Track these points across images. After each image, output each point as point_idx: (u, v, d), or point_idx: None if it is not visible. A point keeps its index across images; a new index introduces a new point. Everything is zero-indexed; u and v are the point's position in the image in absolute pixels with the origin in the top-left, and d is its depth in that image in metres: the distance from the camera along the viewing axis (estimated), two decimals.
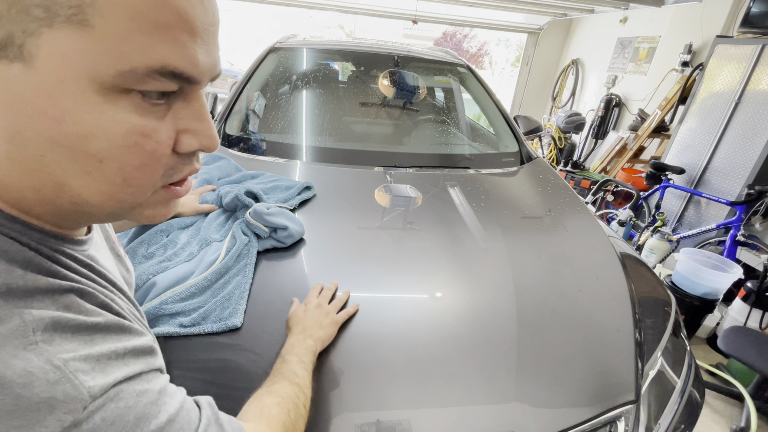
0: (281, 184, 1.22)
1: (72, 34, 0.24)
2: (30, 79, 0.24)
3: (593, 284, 1.06)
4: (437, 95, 2.31)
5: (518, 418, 0.71)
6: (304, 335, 0.73)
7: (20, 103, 0.25)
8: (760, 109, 2.64)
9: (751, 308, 2.16)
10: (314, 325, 0.75)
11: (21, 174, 0.27)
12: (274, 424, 0.50)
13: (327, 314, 0.79)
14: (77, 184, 0.28)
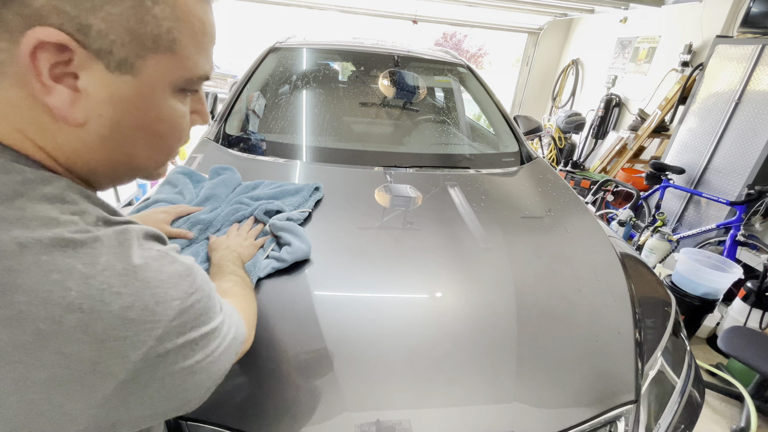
0: (287, 188, 1.18)
1: (165, 56, 0.36)
2: (133, 85, 0.35)
3: (593, 284, 1.06)
4: (437, 95, 2.31)
5: (518, 418, 0.71)
6: (229, 250, 0.85)
7: (124, 102, 0.35)
8: (760, 109, 2.64)
9: (751, 308, 2.16)
10: (236, 244, 0.89)
11: (105, 149, 0.37)
12: (248, 317, 0.63)
13: (246, 239, 0.94)
14: (142, 154, 0.40)
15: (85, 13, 0.31)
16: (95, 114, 0.34)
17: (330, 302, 0.88)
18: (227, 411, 0.67)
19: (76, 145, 0.35)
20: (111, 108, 0.35)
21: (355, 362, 0.75)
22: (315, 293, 0.88)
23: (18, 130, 0.33)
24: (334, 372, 0.73)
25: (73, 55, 0.32)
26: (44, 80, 0.31)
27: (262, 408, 0.68)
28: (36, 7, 0.30)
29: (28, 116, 0.33)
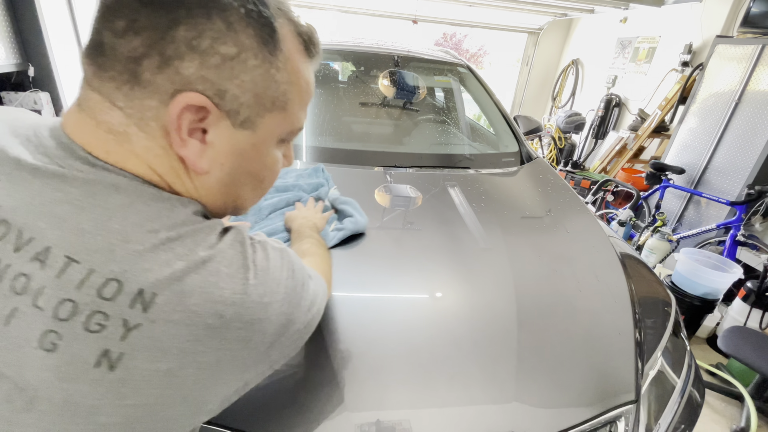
0: (302, 173, 1.27)
1: (278, 114, 0.42)
2: (251, 139, 0.41)
3: (593, 284, 1.06)
4: (437, 95, 2.31)
5: (518, 418, 0.71)
6: (306, 219, 0.97)
7: (242, 153, 0.41)
8: (760, 109, 2.64)
9: (751, 308, 2.16)
10: (311, 215, 1.00)
11: (220, 192, 0.43)
12: (322, 271, 0.72)
13: (317, 212, 1.06)
14: (246, 196, 0.47)
15: (224, 81, 0.37)
16: (218, 163, 0.41)
17: (330, 302, 0.88)
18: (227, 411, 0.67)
19: (199, 188, 0.42)
20: (231, 158, 0.41)
21: (356, 362, 0.75)
22: None
23: (158, 174, 0.38)
24: (335, 372, 0.73)
25: (209, 114, 0.37)
26: (182, 135, 0.37)
27: (262, 408, 0.68)
28: (186, 75, 0.35)
29: (166, 163, 0.38)
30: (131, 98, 0.36)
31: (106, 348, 0.33)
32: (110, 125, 0.36)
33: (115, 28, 0.35)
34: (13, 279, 0.33)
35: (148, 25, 0.34)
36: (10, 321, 0.33)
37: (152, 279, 0.34)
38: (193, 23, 0.34)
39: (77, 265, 0.33)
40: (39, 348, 0.32)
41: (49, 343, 0.32)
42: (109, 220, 0.34)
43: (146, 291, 0.34)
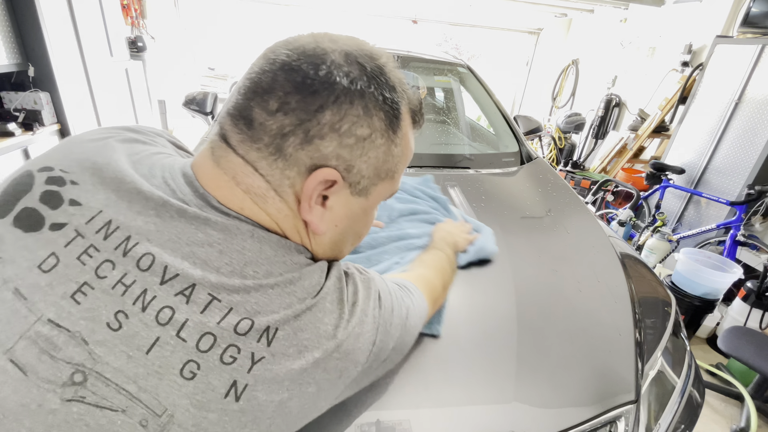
0: (418, 192, 1.22)
1: (387, 182, 0.47)
2: (363, 204, 0.46)
3: (593, 284, 1.06)
4: (437, 95, 2.31)
5: (518, 418, 0.71)
6: (449, 234, 0.98)
7: (354, 216, 0.47)
8: (760, 109, 2.64)
9: (751, 308, 2.16)
10: (456, 232, 1.01)
11: (329, 248, 0.48)
12: (429, 286, 0.73)
13: (463, 233, 1.03)
14: (347, 249, 0.52)
15: (355, 158, 0.41)
16: (333, 225, 0.45)
17: None
18: None
19: (313, 245, 0.47)
20: (345, 221, 0.46)
21: None
22: None
23: (282, 230, 0.44)
24: None
25: (335, 184, 0.42)
26: (311, 203, 0.42)
27: None
28: (324, 153, 0.40)
29: (291, 223, 0.44)
30: (273, 168, 0.40)
31: (235, 379, 0.36)
32: (250, 187, 0.41)
33: (268, 108, 0.39)
34: (159, 311, 0.36)
35: (298, 108, 0.39)
36: (152, 349, 0.35)
37: (277, 317, 0.39)
38: (338, 108, 0.39)
39: (218, 303, 0.37)
40: (180, 376, 0.35)
41: (189, 372, 0.35)
42: (245, 266, 0.39)
43: (271, 327, 0.38)
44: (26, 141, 2.38)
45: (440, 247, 0.90)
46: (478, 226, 1.15)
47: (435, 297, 0.75)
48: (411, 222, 1.11)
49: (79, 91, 2.84)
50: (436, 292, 0.75)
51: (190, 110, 1.94)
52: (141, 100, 3.90)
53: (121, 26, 3.54)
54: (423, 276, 0.75)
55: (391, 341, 0.50)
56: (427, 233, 1.02)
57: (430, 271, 0.79)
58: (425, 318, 0.62)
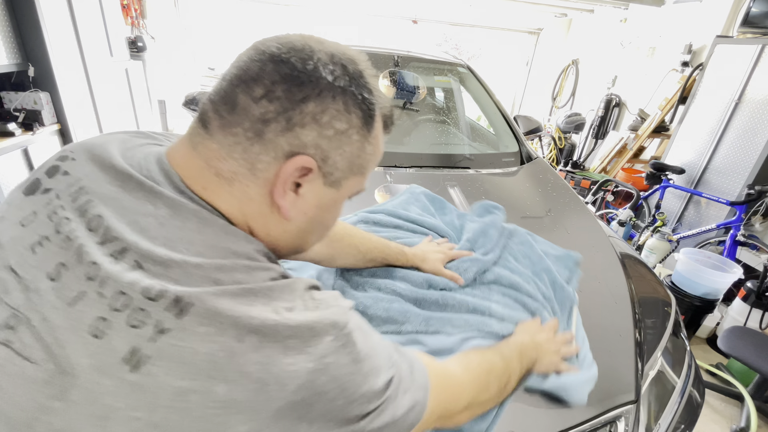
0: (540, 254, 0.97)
1: (357, 177, 0.48)
2: (333, 196, 0.47)
3: (593, 284, 1.06)
4: (437, 95, 2.31)
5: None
6: (535, 347, 0.75)
7: (323, 205, 0.47)
8: (760, 109, 2.64)
9: (751, 308, 2.15)
10: (546, 349, 0.77)
11: (295, 237, 0.49)
12: (468, 368, 0.60)
13: (556, 353, 0.78)
14: (312, 240, 0.53)
15: (331, 149, 0.43)
16: (302, 212, 0.46)
17: None
18: None
19: (278, 231, 0.47)
20: (314, 210, 0.47)
21: None
22: None
23: (244, 214, 0.44)
24: None
25: (310, 173, 0.43)
26: (286, 188, 0.43)
27: None
28: (304, 141, 0.42)
29: (256, 208, 0.44)
30: (248, 152, 0.41)
31: (136, 345, 0.34)
32: (220, 170, 0.42)
33: (254, 94, 0.40)
34: (90, 266, 0.37)
35: (284, 97, 0.40)
36: (76, 303, 0.36)
37: (193, 292, 0.36)
38: (321, 101, 0.41)
39: (141, 268, 0.37)
40: (90, 334, 0.35)
41: (99, 330, 0.35)
42: (178, 242, 0.39)
43: (184, 299, 0.36)
44: (26, 141, 2.38)
45: (506, 353, 0.69)
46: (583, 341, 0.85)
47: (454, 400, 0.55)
48: (501, 295, 0.87)
49: (79, 91, 2.84)
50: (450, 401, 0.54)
51: (190, 110, 1.94)
52: (141, 100, 3.90)
53: (121, 26, 3.54)
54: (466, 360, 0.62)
55: (339, 396, 0.38)
56: (514, 322, 0.79)
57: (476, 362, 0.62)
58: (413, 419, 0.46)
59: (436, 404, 0.49)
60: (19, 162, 2.33)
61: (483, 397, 0.60)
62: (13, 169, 2.29)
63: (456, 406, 0.55)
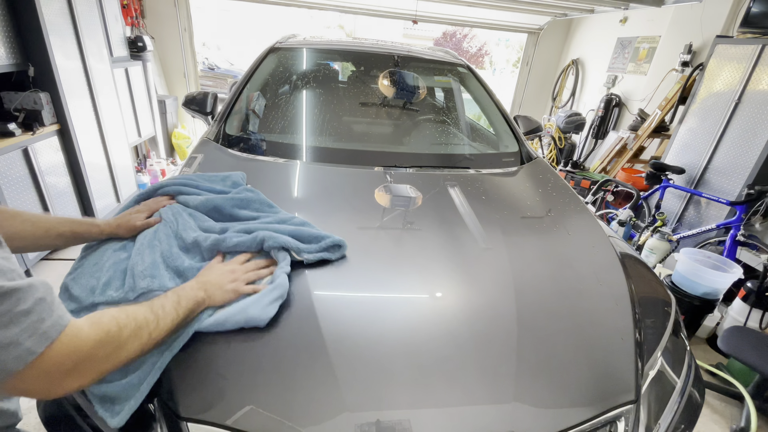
0: (307, 231, 0.99)
1: None
2: None
3: (593, 284, 1.06)
4: (437, 95, 2.31)
5: (518, 418, 0.71)
6: (200, 286, 0.78)
7: None
8: (760, 109, 2.64)
9: (751, 308, 2.16)
10: (216, 283, 0.81)
11: None
12: (97, 328, 0.55)
13: (234, 281, 0.83)
14: None
15: None
16: None
17: (330, 302, 0.88)
18: (227, 411, 0.67)
19: None
20: None
21: (356, 362, 0.75)
22: (315, 293, 0.88)
23: None
24: (334, 372, 0.73)
25: None
26: None
27: (262, 408, 0.68)
28: None
29: None
30: None
31: None
32: None
33: None
34: None
35: None
36: None
37: None
38: None
39: None
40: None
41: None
42: None
43: None
44: (26, 141, 2.38)
45: (163, 301, 0.69)
46: (284, 267, 0.89)
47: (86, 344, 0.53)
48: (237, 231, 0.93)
49: (79, 91, 2.84)
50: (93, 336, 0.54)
51: (190, 110, 1.94)
52: (141, 100, 3.90)
53: (121, 26, 3.54)
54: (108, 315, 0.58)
55: None
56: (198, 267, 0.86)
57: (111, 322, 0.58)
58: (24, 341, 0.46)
59: (50, 360, 0.48)
60: (19, 162, 2.33)
61: (114, 351, 0.57)
62: (13, 170, 2.29)
63: (74, 363, 0.52)
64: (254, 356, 0.74)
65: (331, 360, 0.75)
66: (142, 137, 3.96)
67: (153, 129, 4.22)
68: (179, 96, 4.91)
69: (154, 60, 4.54)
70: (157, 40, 4.59)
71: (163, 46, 4.74)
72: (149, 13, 4.53)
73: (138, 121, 3.85)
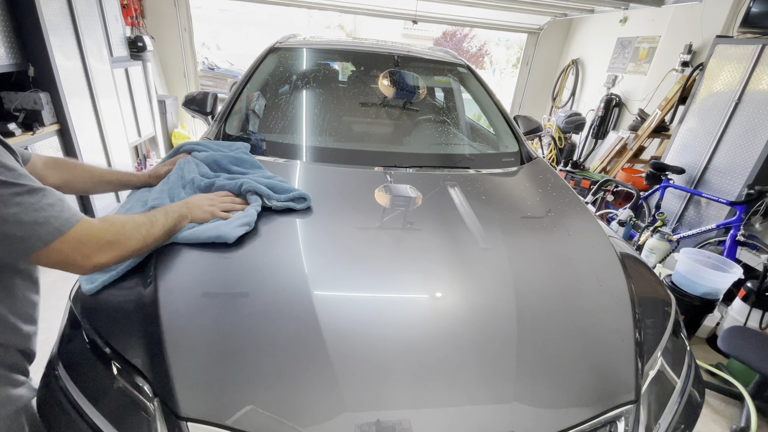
0: (280, 184, 1.19)
1: None
2: None
3: (593, 284, 1.06)
4: (437, 95, 2.31)
5: (518, 418, 0.71)
6: (184, 204, 1.01)
7: None
8: (760, 109, 2.64)
9: (751, 308, 2.16)
10: (197, 204, 1.03)
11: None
12: (105, 220, 0.76)
13: (212, 205, 1.05)
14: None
15: None
16: None
17: (330, 302, 0.88)
18: (227, 411, 0.67)
19: None
20: None
21: (356, 362, 0.75)
22: (315, 293, 0.88)
23: None
24: (334, 372, 0.73)
25: None
26: None
27: (262, 408, 0.68)
28: None
29: None
30: None
31: None
32: None
33: None
34: None
35: None
36: None
37: None
38: None
39: None
40: None
41: None
42: None
43: None
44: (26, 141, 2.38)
45: (157, 212, 0.91)
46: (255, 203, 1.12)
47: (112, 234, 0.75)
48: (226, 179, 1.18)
49: (79, 91, 2.84)
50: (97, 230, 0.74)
51: (190, 110, 1.94)
52: (141, 100, 3.90)
53: (121, 26, 3.54)
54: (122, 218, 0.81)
55: None
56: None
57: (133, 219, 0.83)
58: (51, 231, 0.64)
59: (75, 236, 0.68)
60: None
61: (122, 239, 0.77)
62: None
63: (93, 244, 0.71)
64: (254, 356, 0.74)
65: (331, 360, 0.75)
66: (142, 137, 3.96)
67: (153, 129, 4.22)
68: (179, 96, 4.91)
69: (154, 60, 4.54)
70: (157, 40, 4.59)
71: (163, 46, 4.74)
72: (149, 13, 4.53)
73: (138, 121, 3.85)
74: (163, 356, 0.73)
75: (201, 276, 0.91)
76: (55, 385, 0.81)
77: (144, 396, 0.73)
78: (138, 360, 0.75)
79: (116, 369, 0.77)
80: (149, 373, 0.73)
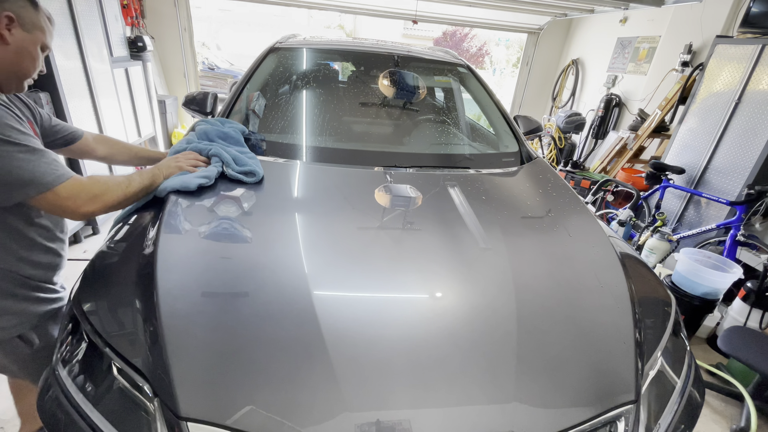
0: (242, 158, 1.35)
1: (38, 32, 0.95)
2: (28, 37, 0.91)
3: (593, 284, 1.06)
4: (437, 95, 2.31)
5: (518, 418, 0.71)
6: (157, 165, 1.21)
7: (26, 39, 0.91)
8: (760, 109, 2.64)
9: (751, 308, 2.16)
10: (166, 163, 1.23)
11: (9, 63, 0.89)
12: (91, 178, 0.95)
13: (177, 161, 1.25)
14: (24, 67, 0.92)
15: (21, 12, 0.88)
16: (15, 40, 0.86)
17: (330, 302, 0.88)
18: (227, 411, 0.67)
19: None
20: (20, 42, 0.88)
21: (356, 362, 0.76)
22: (315, 293, 0.88)
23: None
24: (334, 372, 0.73)
25: (14, 22, 0.85)
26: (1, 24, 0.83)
27: (262, 408, 0.68)
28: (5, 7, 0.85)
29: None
30: None
31: None
32: None
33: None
34: None
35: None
36: None
37: None
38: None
39: None
40: None
41: None
42: None
43: None
44: None
45: (133, 174, 1.10)
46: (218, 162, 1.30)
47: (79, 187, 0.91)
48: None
49: (79, 91, 2.84)
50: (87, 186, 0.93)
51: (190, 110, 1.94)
52: (141, 100, 3.90)
53: (121, 26, 3.54)
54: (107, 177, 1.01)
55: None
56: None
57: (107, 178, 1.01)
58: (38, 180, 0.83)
59: (67, 189, 0.87)
60: None
61: (106, 192, 0.97)
62: None
63: (83, 196, 0.91)
64: (254, 356, 0.74)
65: (330, 360, 0.75)
66: (142, 137, 3.96)
67: (153, 129, 4.22)
68: (179, 96, 4.91)
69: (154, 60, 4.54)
70: (157, 40, 4.59)
71: (163, 46, 4.74)
72: (149, 13, 4.53)
73: (138, 121, 3.85)
74: (163, 356, 0.73)
75: (201, 276, 0.91)
76: (55, 385, 0.81)
77: (144, 396, 0.73)
78: (138, 360, 0.75)
79: (116, 369, 0.77)
80: (149, 373, 0.73)
